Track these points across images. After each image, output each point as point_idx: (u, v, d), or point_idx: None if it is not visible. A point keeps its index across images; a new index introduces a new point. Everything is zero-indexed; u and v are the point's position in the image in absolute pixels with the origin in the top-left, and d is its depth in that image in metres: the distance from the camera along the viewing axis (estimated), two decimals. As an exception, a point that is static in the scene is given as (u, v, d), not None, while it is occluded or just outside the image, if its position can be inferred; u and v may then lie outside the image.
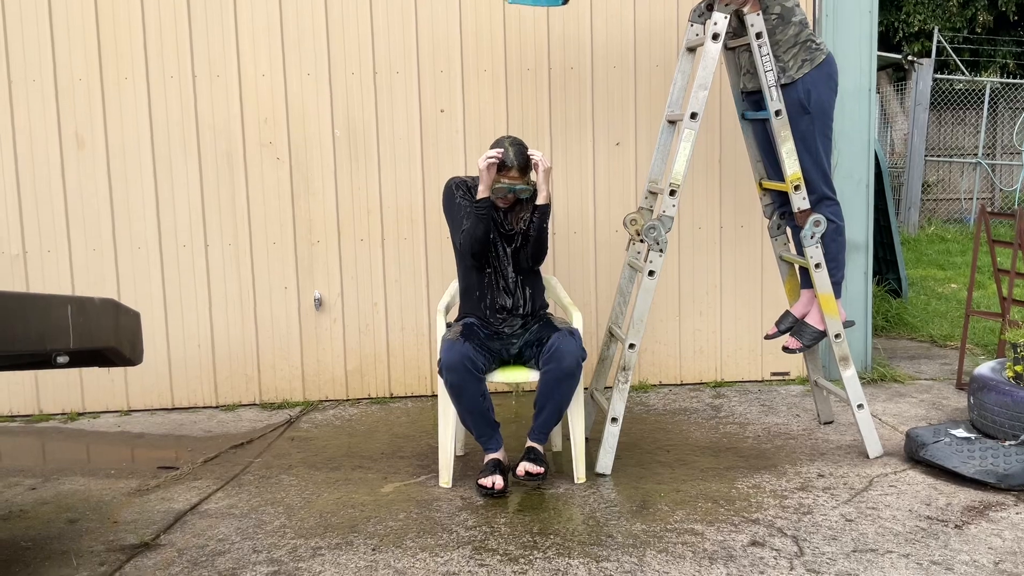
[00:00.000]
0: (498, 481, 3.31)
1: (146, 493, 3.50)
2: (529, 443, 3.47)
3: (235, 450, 4.02)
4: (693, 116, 3.50)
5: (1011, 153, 13.39)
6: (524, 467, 3.36)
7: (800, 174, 3.56)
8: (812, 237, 3.59)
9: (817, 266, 3.63)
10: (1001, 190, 13.10)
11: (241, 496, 3.44)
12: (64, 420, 4.56)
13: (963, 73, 13.02)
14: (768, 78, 3.49)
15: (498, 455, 3.45)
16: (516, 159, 3.49)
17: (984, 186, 13.14)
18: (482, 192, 3.49)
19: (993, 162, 13.14)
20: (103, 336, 2.85)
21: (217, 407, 4.67)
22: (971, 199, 12.91)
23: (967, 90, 12.79)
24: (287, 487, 3.53)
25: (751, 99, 3.79)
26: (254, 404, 4.69)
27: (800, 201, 3.58)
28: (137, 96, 4.48)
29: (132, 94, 4.47)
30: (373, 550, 2.92)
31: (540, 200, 3.53)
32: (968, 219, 12.43)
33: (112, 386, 4.62)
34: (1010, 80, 13.20)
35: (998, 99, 13.03)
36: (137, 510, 3.33)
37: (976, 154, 12.97)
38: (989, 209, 12.63)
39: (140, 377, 4.61)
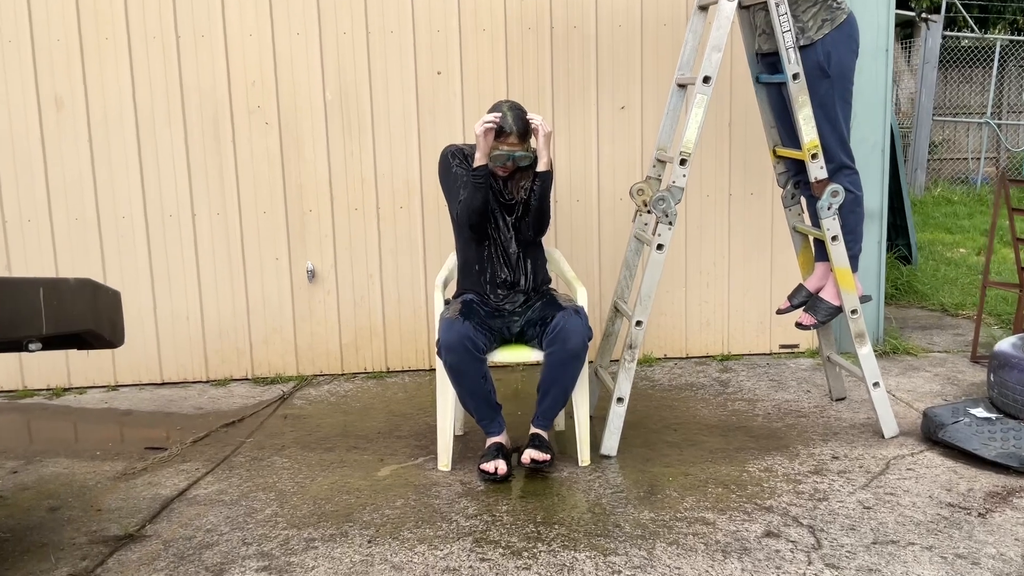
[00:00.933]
0: (501, 466, 3.16)
1: (132, 477, 3.36)
2: (533, 430, 3.32)
3: (226, 429, 3.87)
4: (706, 80, 3.30)
5: (1017, 112, 13.13)
6: (529, 454, 3.21)
7: (818, 142, 3.37)
8: (829, 208, 3.41)
9: (834, 239, 3.45)
10: (1007, 150, 12.88)
11: (231, 480, 3.30)
12: (49, 396, 4.40)
13: (972, 30, 12.72)
14: (786, 39, 3.28)
15: (500, 439, 3.30)
16: (515, 124, 3.28)
17: (989, 146, 12.91)
18: (479, 160, 3.29)
19: (1000, 122, 12.90)
20: (80, 319, 2.68)
21: (208, 382, 4.52)
22: (978, 159, 12.69)
23: (973, 47, 12.50)
24: (279, 470, 3.39)
25: (766, 61, 3.58)
26: (246, 379, 4.54)
27: (817, 170, 3.40)
28: (118, 58, 4.25)
29: (113, 55, 4.25)
30: (369, 542, 2.77)
31: (541, 167, 3.34)
32: (974, 180, 12.22)
33: (99, 361, 4.46)
34: (1019, 37, 12.90)
35: (1007, 57, 12.75)
36: (122, 496, 3.18)
37: (983, 113, 12.72)
38: (994, 169, 12.29)
39: (128, 352, 4.44)
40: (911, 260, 6.43)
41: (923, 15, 10.92)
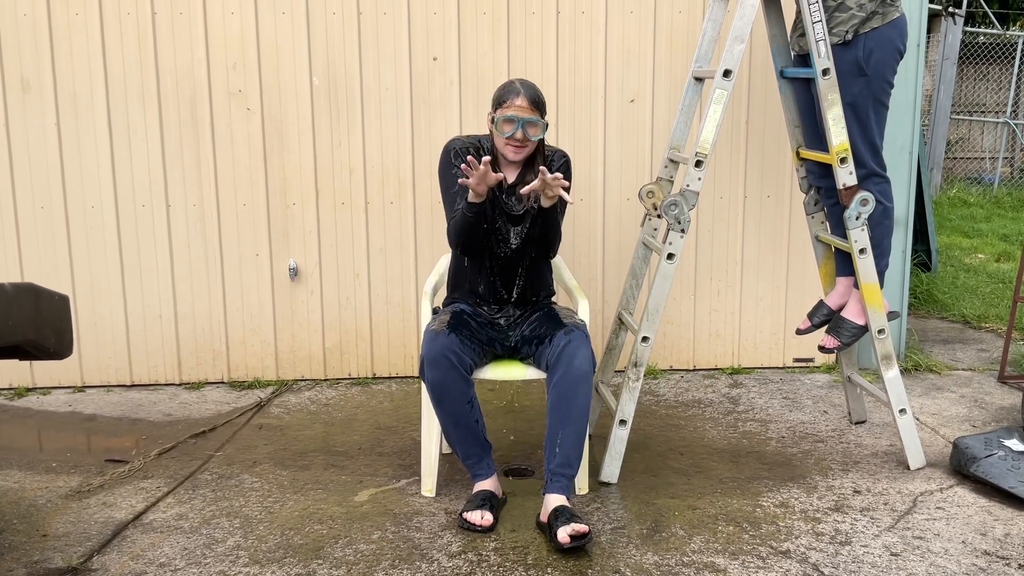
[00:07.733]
0: (487, 517, 2.77)
1: (86, 496, 3.07)
2: (552, 498, 2.76)
3: (195, 439, 3.58)
4: (727, 74, 2.98)
5: (1034, 111, 12.79)
6: (567, 531, 2.60)
7: (847, 144, 3.06)
8: (858, 218, 3.11)
9: (862, 251, 3.14)
10: (1023, 150, 12.53)
11: (194, 503, 3.01)
12: (11, 396, 4.11)
13: (994, 26, 12.36)
14: (816, 30, 2.96)
15: (488, 484, 2.91)
16: (523, 87, 2.85)
17: (1005, 145, 12.57)
18: (472, 197, 2.82)
19: (1017, 121, 12.56)
20: (19, 329, 2.39)
21: (180, 385, 4.22)
22: (994, 159, 12.36)
23: (991, 44, 12.15)
24: (248, 492, 3.09)
25: (804, 64, 3.25)
26: (222, 382, 4.24)
27: (846, 176, 3.09)
28: (89, 35, 3.94)
29: (84, 33, 3.93)
30: (339, 584, 2.48)
31: (546, 203, 2.84)
32: (990, 179, 11.88)
33: (66, 360, 4.15)
34: (1041, 34, 12.53)
35: (1026, 54, 12.39)
36: (72, 519, 2.89)
37: (1001, 112, 12.38)
38: (1008, 169, 11.90)
39: (96, 350, 4.15)
40: (930, 267, 6.12)
41: (949, 9, 10.56)
